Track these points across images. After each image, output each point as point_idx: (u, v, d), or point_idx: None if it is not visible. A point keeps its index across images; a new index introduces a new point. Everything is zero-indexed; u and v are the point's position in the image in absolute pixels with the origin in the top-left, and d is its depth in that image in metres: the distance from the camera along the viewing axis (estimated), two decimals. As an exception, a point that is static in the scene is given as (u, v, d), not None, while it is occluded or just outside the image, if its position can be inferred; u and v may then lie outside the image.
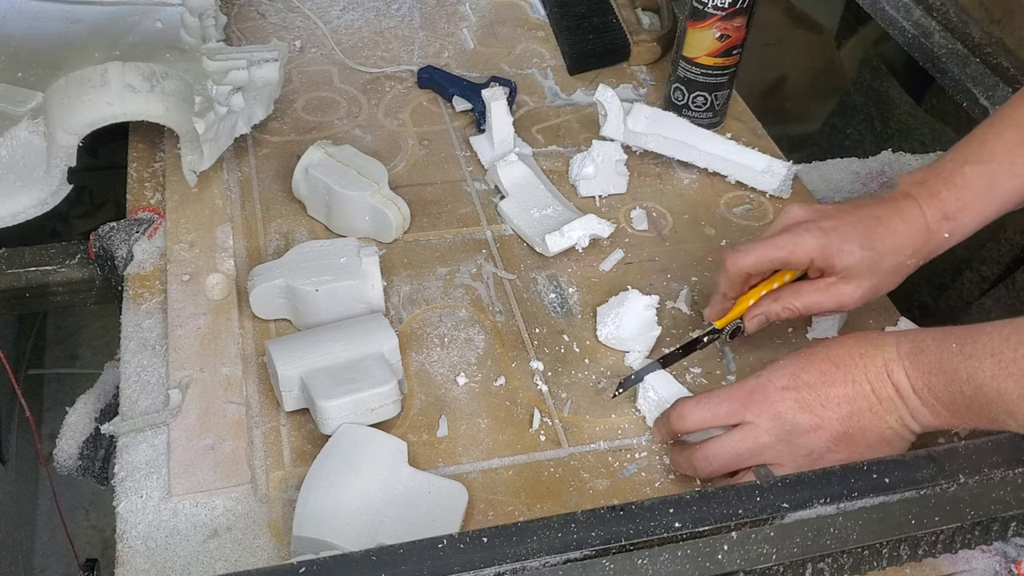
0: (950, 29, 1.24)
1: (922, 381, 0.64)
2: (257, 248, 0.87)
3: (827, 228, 0.74)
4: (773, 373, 0.69)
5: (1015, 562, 0.67)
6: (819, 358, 0.68)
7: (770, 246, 0.75)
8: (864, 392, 0.66)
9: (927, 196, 0.75)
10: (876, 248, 0.74)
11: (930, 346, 0.64)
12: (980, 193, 0.74)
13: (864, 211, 0.75)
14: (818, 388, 0.67)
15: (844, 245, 0.73)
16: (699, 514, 0.55)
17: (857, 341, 0.68)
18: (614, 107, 0.99)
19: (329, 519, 0.64)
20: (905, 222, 0.74)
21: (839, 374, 0.67)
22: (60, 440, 0.81)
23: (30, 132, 0.87)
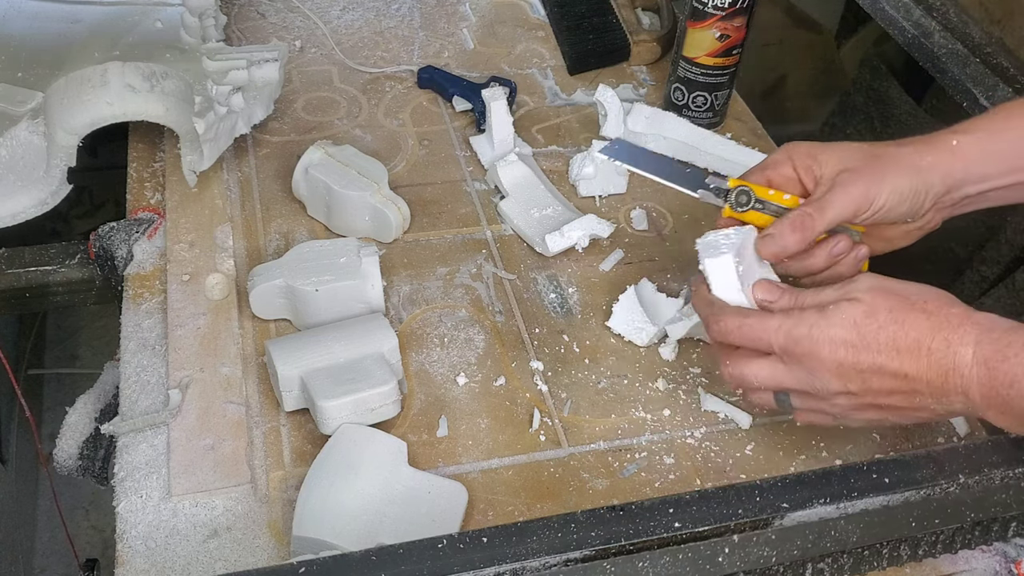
0: (950, 29, 1.24)
1: (996, 393, 0.59)
2: (257, 248, 0.87)
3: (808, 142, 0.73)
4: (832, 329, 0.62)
5: (1015, 562, 0.67)
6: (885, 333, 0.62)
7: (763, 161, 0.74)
8: (921, 385, 0.62)
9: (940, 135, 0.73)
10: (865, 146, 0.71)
11: (1018, 356, 0.58)
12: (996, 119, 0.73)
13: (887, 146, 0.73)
14: (870, 375, 0.62)
15: (827, 146, 0.71)
16: (699, 514, 0.55)
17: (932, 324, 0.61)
18: (614, 107, 0.99)
19: (329, 519, 0.64)
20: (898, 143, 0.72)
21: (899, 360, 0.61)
22: (60, 440, 0.81)
23: (30, 132, 0.87)
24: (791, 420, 0.77)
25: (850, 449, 0.75)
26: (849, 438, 0.76)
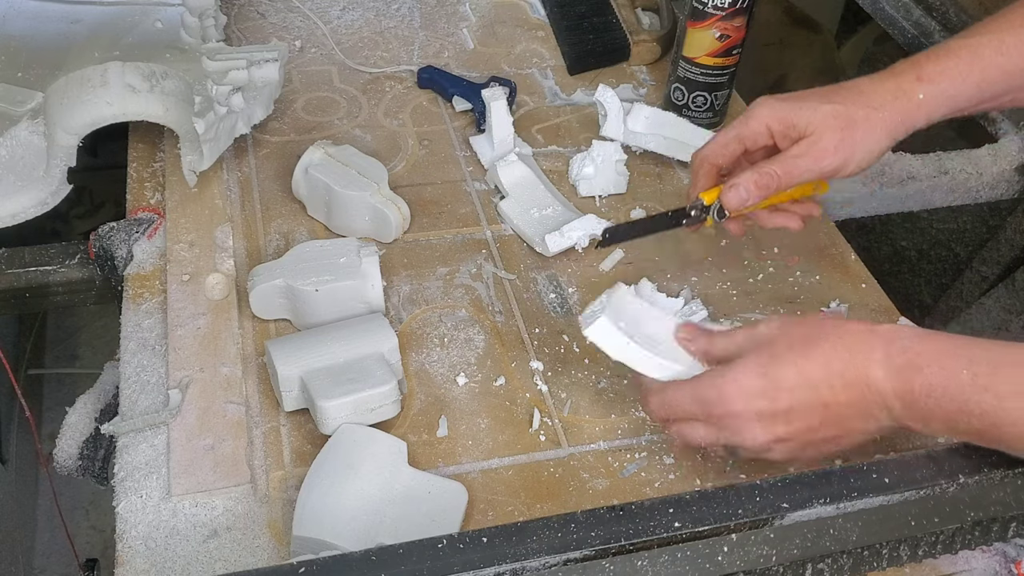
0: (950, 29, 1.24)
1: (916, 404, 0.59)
2: (257, 248, 0.87)
3: (783, 97, 0.72)
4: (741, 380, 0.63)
5: (1015, 562, 0.67)
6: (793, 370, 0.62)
7: (724, 128, 0.74)
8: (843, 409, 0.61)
9: (904, 65, 0.72)
10: (838, 101, 0.70)
11: (931, 366, 0.58)
12: (962, 62, 0.71)
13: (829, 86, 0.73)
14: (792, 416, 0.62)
15: (802, 103, 0.71)
16: (699, 514, 0.55)
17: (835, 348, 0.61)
18: (614, 107, 0.99)
19: (329, 519, 0.64)
20: (872, 81, 0.71)
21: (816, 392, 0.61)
22: (60, 440, 0.81)
23: (30, 132, 0.87)
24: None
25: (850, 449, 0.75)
26: (849, 438, 0.76)
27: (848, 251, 0.93)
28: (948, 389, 0.57)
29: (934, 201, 1.08)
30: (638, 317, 0.71)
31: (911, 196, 1.06)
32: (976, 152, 1.08)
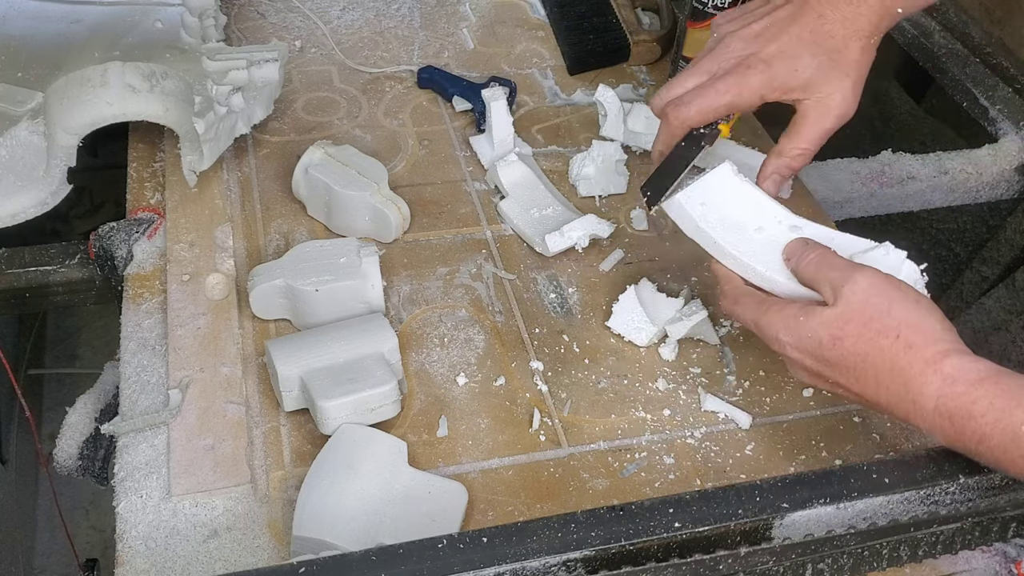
0: (950, 29, 1.24)
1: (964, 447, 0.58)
2: (257, 248, 0.87)
3: (770, 56, 0.70)
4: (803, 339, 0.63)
5: (1015, 562, 0.67)
6: (847, 362, 0.62)
7: (712, 93, 0.71)
8: (881, 408, 0.62)
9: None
10: (827, 47, 0.69)
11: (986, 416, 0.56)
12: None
13: (805, 14, 0.70)
14: (833, 385, 0.64)
15: (794, 64, 0.69)
16: (699, 514, 0.55)
17: (893, 365, 0.60)
18: (614, 107, 0.99)
19: (329, 519, 0.64)
20: (852, 4, 0.70)
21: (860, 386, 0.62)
22: (60, 440, 0.81)
23: (30, 132, 0.87)
24: (791, 420, 0.77)
25: (850, 449, 0.75)
26: (849, 438, 0.76)
27: (848, 251, 0.93)
28: (1002, 442, 0.56)
29: (934, 201, 1.08)
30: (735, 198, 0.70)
31: (911, 196, 1.06)
32: (976, 152, 1.08)
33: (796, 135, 0.73)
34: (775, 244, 0.69)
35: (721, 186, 0.71)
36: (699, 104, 0.72)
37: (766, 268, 0.68)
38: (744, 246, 0.69)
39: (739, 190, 0.71)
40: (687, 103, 0.72)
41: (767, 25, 0.71)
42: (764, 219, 0.70)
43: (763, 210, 0.71)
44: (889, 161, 1.06)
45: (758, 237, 0.69)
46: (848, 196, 1.04)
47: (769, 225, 0.70)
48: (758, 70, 0.70)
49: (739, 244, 0.69)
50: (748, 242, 0.69)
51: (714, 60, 0.73)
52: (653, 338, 0.81)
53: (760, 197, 0.71)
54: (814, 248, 0.66)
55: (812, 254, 0.65)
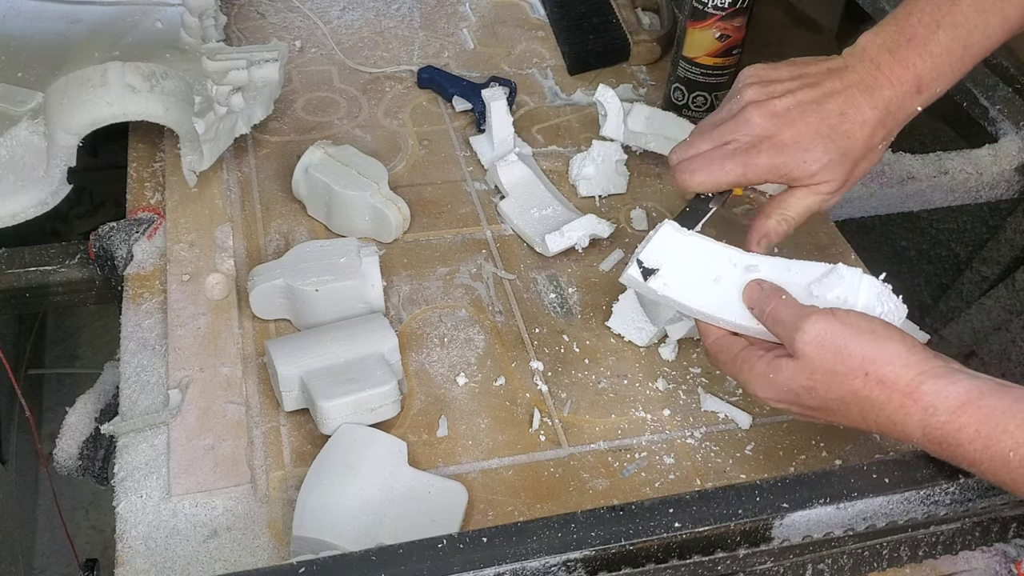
0: (950, 29, 1.23)
1: (958, 465, 0.58)
2: (257, 248, 0.87)
3: (784, 143, 0.71)
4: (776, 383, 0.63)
5: (1015, 562, 0.67)
6: (823, 403, 0.61)
7: (719, 170, 0.72)
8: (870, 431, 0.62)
9: (900, 68, 0.70)
10: (840, 146, 0.70)
11: (973, 443, 0.56)
12: (954, 60, 0.70)
13: (829, 105, 0.71)
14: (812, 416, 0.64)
15: (805, 156, 0.70)
16: (699, 514, 0.55)
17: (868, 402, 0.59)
18: (614, 107, 0.99)
19: (329, 519, 0.64)
20: (875, 108, 0.70)
21: (843, 418, 0.62)
22: (60, 440, 0.81)
23: (30, 132, 0.87)
24: (791, 420, 0.77)
25: (850, 449, 0.75)
26: (849, 438, 0.76)
27: (848, 251, 0.93)
28: (992, 467, 0.55)
29: (934, 201, 1.08)
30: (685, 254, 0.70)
31: (911, 196, 1.06)
32: (976, 152, 1.08)
33: (787, 206, 0.74)
34: (736, 290, 0.68)
35: (668, 246, 0.71)
36: (704, 177, 0.73)
37: (734, 317, 0.68)
38: (707, 300, 0.69)
39: (687, 245, 0.71)
40: (693, 171, 0.73)
41: (790, 106, 0.71)
42: (719, 267, 0.70)
43: (716, 258, 0.70)
44: (889, 161, 1.06)
45: (718, 288, 0.69)
46: (848, 196, 1.03)
47: (725, 272, 0.69)
48: (768, 155, 0.71)
49: (701, 300, 0.69)
50: (709, 296, 0.69)
51: (732, 131, 0.73)
52: (653, 338, 0.81)
53: (708, 246, 0.71)
54: (767, 298, 0.66)
55: (767, 307, 0.65)
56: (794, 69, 0.74)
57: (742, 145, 0.72)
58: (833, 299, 0.65)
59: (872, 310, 0.64)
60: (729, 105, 0.75)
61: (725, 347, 0.68)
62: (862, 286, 0.65)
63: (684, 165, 0.74)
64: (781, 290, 0.66)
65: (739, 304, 0.68)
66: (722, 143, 0.73)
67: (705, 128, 0.75)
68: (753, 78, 0.74)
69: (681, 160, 0.74)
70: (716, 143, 0.74)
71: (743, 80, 0.75)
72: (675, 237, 0.71)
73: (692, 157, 0.74)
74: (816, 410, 0.63)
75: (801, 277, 0.67)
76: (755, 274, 0.68)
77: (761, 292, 0.66)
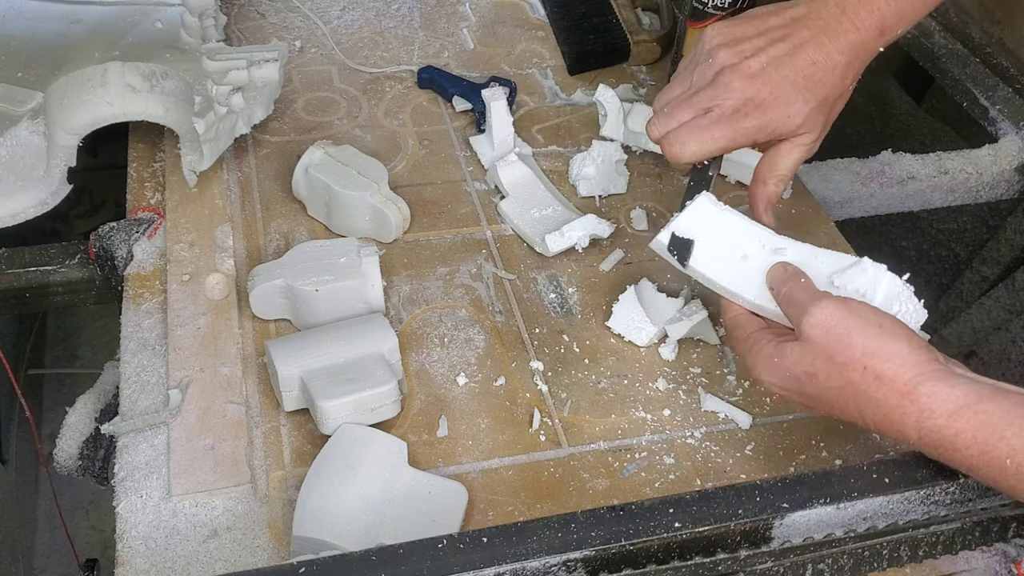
0: (950, 29, 1.24)
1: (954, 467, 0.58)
2: (257, 248, 0.87)
3: (765, 101, 0.71)
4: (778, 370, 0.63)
5: (1015, 562, 0.67)
6: (825, 396, 0.61)
7: (708, 138, 0.72)
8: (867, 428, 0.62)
9: (865, 12, 0.71)
10: (817, 95, 0.72)
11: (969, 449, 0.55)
12: (916, 2, 0.72)
13: (800, 56, 0.71)
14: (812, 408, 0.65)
15: (787, 111, 0.71)
16: (699, 514, 0.55)
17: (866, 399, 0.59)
18: (614, 107, 0.99)
19: (329, 519, 0.64)
20: (843, 53, 0.72)
21: (841, 413, 0.62)
22: (60, 440, 0.81)
23: (30, 132, 0.87)
24: (791, 420, 0.77)
25: (850, 449, 0.75)
26: (849, 438, 0.76)
27: (848, 251, 0.93)
28: (989, 473, 0.55)
29: (934, 201, 1.08)
30: (717, 229, 0.71)
31: (911, 196, 1.06)
32: (976, 152, 1.08)
33: (777, 165, 0.75)
34: (761, 270, 0.69)
35: (702, 219, 0.71)
36: (696, 147, 0.73)
37: (755, 297, 0.69)
38: (732, 276, 0.70)
39: (720, 220, 0.72)
40: (684, 143, 0.73)
41: (765, 64, 0.72)
42: (748, 246, 0.70)
43: (746, 236, 0.71)
44: (889, 161, 1.06)
45: (744, 266, 0.70)
46: (848, 196, 1.04)
47: (754, 251, 0.70)
48: (754, 117, 0.72)
49: (727, 275, 0.70)
50: (735, 272, 0.70)
51: (712, 97, 0.73)
52: (653, 338, 0.81)
53: (741, 223, 0.72)
54: (787, 279, 0.66)
55: (784, 287, 0.66)
56: (759, 23, 0.74)
57: (726, 110, 0.72)
58: (853, 291, 0.66)
59: (889, 307, 0.64)
60: (701, 69, 0.74)
61: (741, 324, 0.69)
62: (882, 282, 0.66)
63: (672, 137, 0.74)
64: (802, 273, 0.66)
65: (761, 285, 0.68)
66: (704, 110, 0.73)
67: (681, 97, 0.75)
68: (720, 38, 0.74)
69: (667, 132, 0.74)
70: (698, 111, 0.73)
71: (710, 42, 0.75)
72: (710, 210, 0.72)
73: (677, 128, 0.74)
74: (815, 400, 0.62)
75: (826, 266, 0.68)
76: (782, 256, 0.69)
77: (784, 273, 0.67)
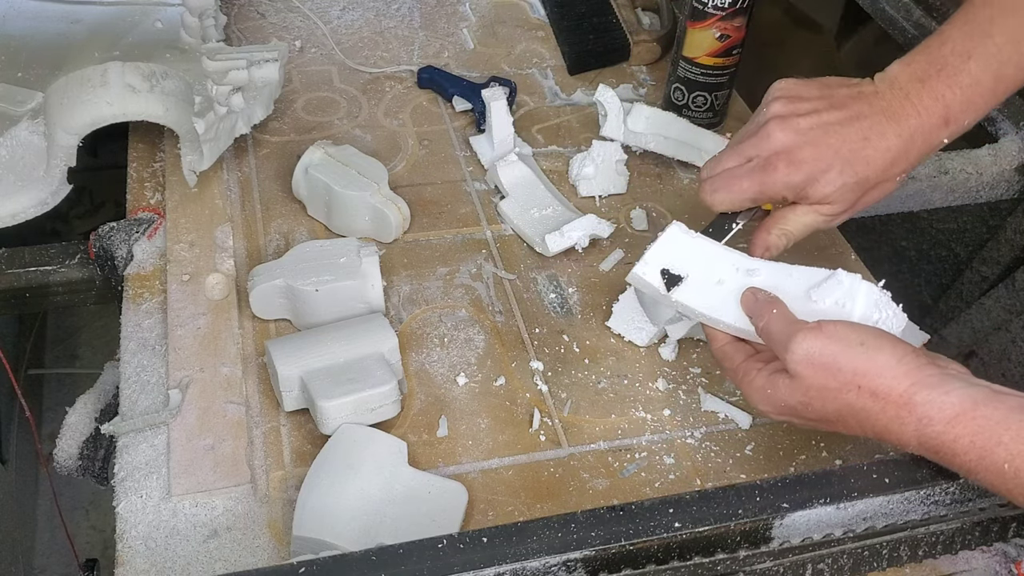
0: (950, 29, 1.23)
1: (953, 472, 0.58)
2: (257, 248, 0.87)
3: (801, 161, 0.70)
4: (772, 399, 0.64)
5: (1015, 562, 0.67)
6: (818, 413, 0.62)
7: (736, 189, 0.72)
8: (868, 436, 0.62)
9: (929, 99, 0.69)
10: (858, 171, 0.70)
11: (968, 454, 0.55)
12: (985, 91, 0.69)
13: (853, 128, 0.70)
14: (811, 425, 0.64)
15: (820, 177, 0.70)
16: (699, 514, 0.55)
17: (863, 415, 0.59)
18: (614, 107, 0.99)
19: (329, 519, 0.64)
20: (900, 137, 0.69)
21: (840, 427, 0.62)
22: (60, 440, 0.81)
23: (30, 132, 0.87)
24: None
25: (850, 449, 0.75)
26: (849, 438, 0.76)
27: (848, 251, 0.93)
28: (987, 477, 0.55)
29: (934, 201, 1.08)
30: (690, 256, 0.71)
31: (911, 196, 1.06)
32: (976, 152, 1.08)
33: (788, 220, 0.74)
34: (738, 294, 0.69)
35: (675, 247, 0.71)
36: (724, 196, 0.73)
37: (735, 320, 0.68)
38: (710, 302, 0.69)
39: (692, 246, 0.71)
40: (715, 190, 0.73)
41: (813, 125, 0.71)
42: (722, 270, 0.70)
43: (719, 261, 0.71)
44: (889, 161, 1.05)
45: (720, 291, 0.69)
46: (848, 196, 1.03)
47: (728, 275, 0.70)
48: (783, 172, 0.70)
49: (705, 301, 0.69)
50: (712, 297, 0.69)
51: (754, 146, 0.73)
52: (653, 338, 0.81)
53: (714, 248, 0.71)
54: (762, 309, 0.65)
55: (760, 321, 0.65)
56: (824, 88, 0.73)
57: (760, 162, 0.72)
58: (831, 304, 0.65)
59: (869, 317, 0.65)
60: (756, 119, 0.74)
61: (729, 355, 0.68)
62: (860, 292, 0.65)
63: (709, 183, 0.74)
64: (775, 301, 0.65)
65: (739, 308, 0.68)
66: (746, 159, 0.73)
67: (734, 143, 0.75)
68: (781, 92, 0.74)
69: (708, 177, 0.74)
70: (741, 160, 0.73)
71: (772, 93, 0.74)
72: (681, 238, 0.71)
73: (717, 175, 0.74)
74: (817, 421, 0.63)
75: (801, 282, 0.68)
76: (756, 278, 0.69)
77: (756, 302, 0.66)
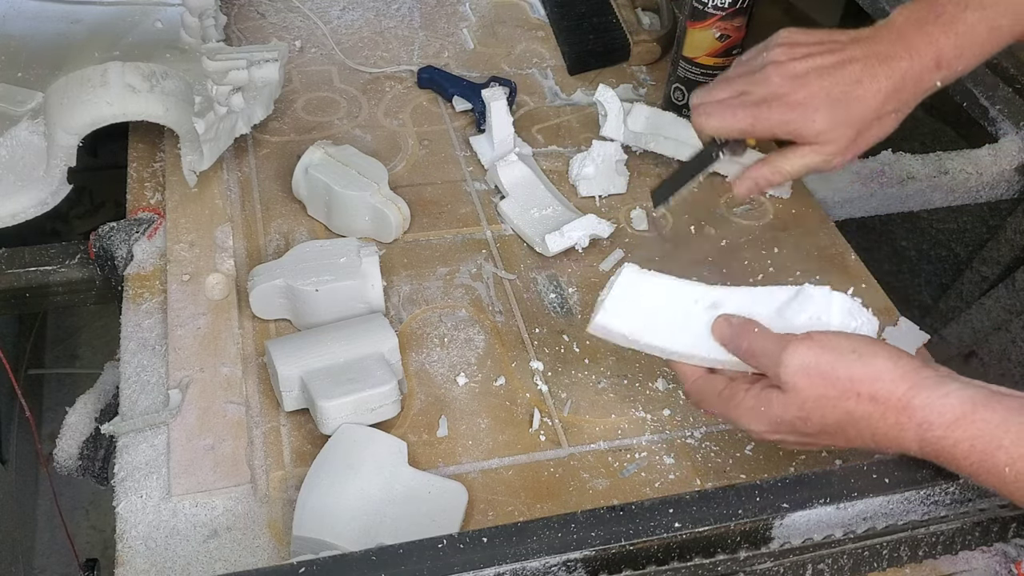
0: (950, 29, 1.23)
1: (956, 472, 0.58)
2: (257, 248, 0.87)
3: (795, 102, 0.72)
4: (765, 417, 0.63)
5: (1015, 562, 0.67)
6: (815, 426, 0.61)
7: (730, 117, 0.75)
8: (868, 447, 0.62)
9: (923, 43, 0.71)
10: (850, 110, 0.72)
11: (968, 458, 0.55)
12: (979, 40, 0.71)
13: (846, 71, 0.72)
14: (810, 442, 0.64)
15: (812, 115, 0.72)
16: (699, 514, 0.55)
17: (862, 422, 0.59)
18: (614, 107, 0.99)
19: (329, 519, 0.64)
20: (890, 78, 0.71)
21: (841, 439, 0.61)
22: (60, 440, 0.81)
23: (30, 132, 0.87)
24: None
25: (850, 449, 0.75)
26: (849, 438, 0.76)
27: (848, 251, 0.93)
28: (988, 480, 0.56)
29: (934, 201, 1.08)
30: (649, 296, 0.70)
31: (911, 196, 1.06)
32: (976, 152, 1.08)
33: (787, 159, 0.76)
34: (704, 326, 0.67)
35: (632, 289, 0.70)
36: (717, 122, 0.76)
37: (707, 353, 0.67)
38: (678, 339, 0.68)
39: (650, 286, 0.70)
40: (708, 115, 0.76)
41: (809, 69, 0.73)
42: (684, 306, 0.69)
43: (679, 297, 0.69)
44: (889, 161, 1.06)
45: (688, 326, 0.68)
46: (848, 196, 1.04)
47: (691, 310, 0.69)
48: (778, 112, 0.73)
49: (672, 339, 0.68)
50: (679, 334, 0.68)
51: (749, 83, 0.75)
52: None
53: (671, 284, 0.70)
54: (740, 333, 0.65)
55: (742, 343, 0.65)
56: (824, 34, 0.76)
57: (755, 98, 0.74)
58: (806, 320, 0.65)
59: (847, 325, 0.65)
60: (754, 60, 0.77)
61: (707, 387, 0.67)
62: (833, 303, 0.65)
63: (701, 108, 0.77)
64: (752, 322, 0.65)
65: (710, 340, 0.67)
66: (739, 93, 0.76)
67: (728, 77, 0.78)
68: (784, 39, 0.76)
69: (700, 103, 0.77)
70: (734, 92, 0.76)
71: (775, 40, 0.77)
72: (638, 280, 0.70)
73: (710, 102, 0.77)
74: (814, 436, 0.62)
75: (768, 305, 0.67)
76: (722, 308, 0.67)
77: (731, 328, 0.66)
